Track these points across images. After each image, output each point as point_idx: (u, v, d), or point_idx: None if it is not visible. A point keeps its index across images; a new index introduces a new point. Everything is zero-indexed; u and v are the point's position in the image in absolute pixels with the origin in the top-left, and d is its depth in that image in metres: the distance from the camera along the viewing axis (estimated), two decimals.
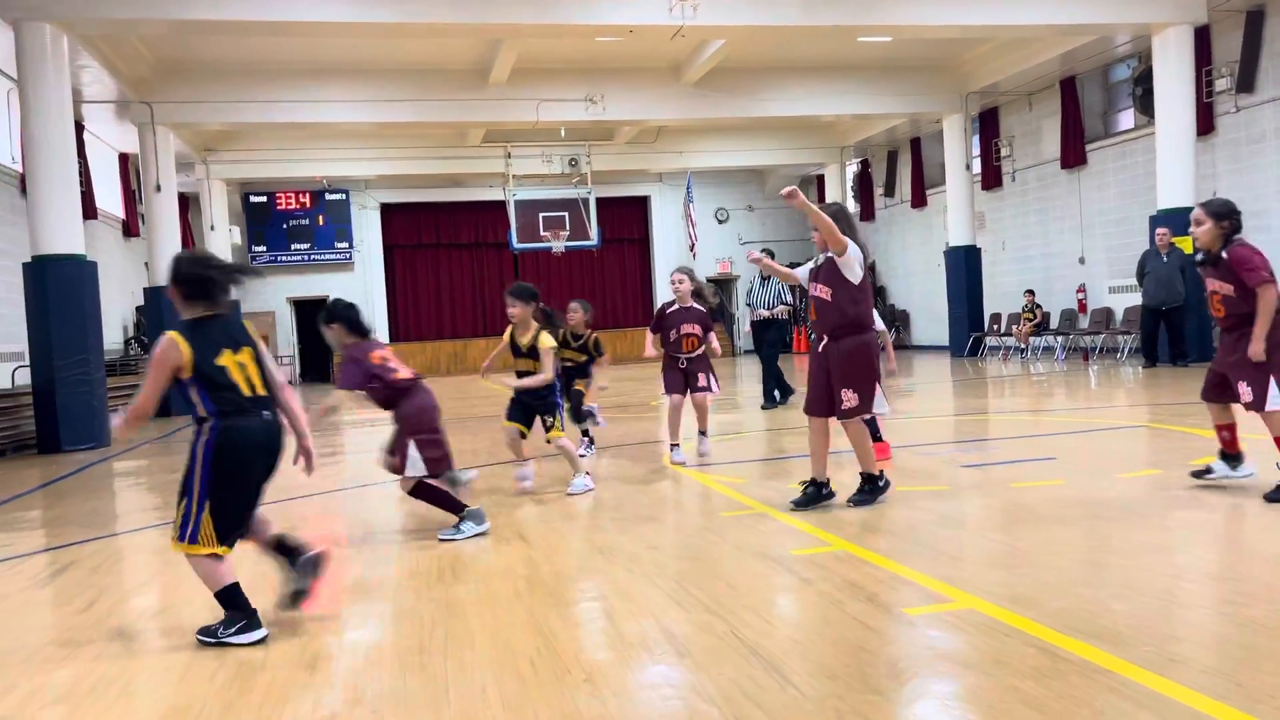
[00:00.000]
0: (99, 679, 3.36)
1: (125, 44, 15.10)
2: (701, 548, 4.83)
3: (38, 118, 11.62)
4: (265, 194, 26.12)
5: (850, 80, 19.37)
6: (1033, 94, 19.74)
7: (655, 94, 18.89)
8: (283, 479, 7.93)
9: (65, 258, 11.74)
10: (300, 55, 16.70)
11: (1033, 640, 3.16)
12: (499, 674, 3.16)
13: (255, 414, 3.79)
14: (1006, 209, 21.17)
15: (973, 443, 8.23)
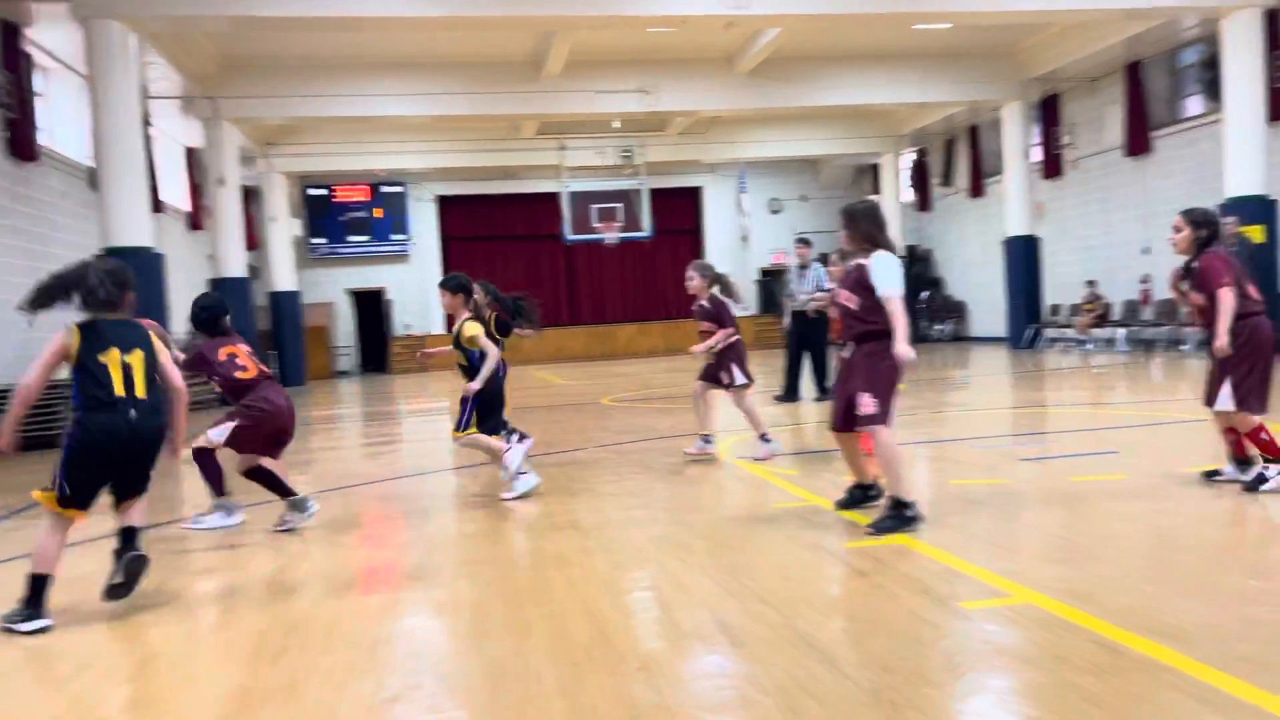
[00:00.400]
0: (170, 658, 3.47)
1: (190, 40, 15.46)
2: (754, 539, 4.83)
3: (107, 114, 11.96)
4: (324, 187, 26.57)
5: (907, 68, 19.13)
6: (1096, 80, 19.29)
7: (708, 84, 18.84)
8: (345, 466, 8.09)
9: (134, 250, 12.07)
10: (358, 50, 16.95)
11: (1093, 636, 3.12)
12: (555, 661, 3.20)
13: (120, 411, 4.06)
14: (1067, 198, 20.74)
15: (1031, 436, 8.10)
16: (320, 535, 5.62)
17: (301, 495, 5.68)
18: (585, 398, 14.11)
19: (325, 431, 11.91)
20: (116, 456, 4.12)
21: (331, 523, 5.91)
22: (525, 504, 6.03)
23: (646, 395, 13.61)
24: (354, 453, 9.57)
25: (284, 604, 4.11)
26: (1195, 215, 5.34)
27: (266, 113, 17.81)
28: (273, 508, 6.43)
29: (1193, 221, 5.30)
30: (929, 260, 26.66)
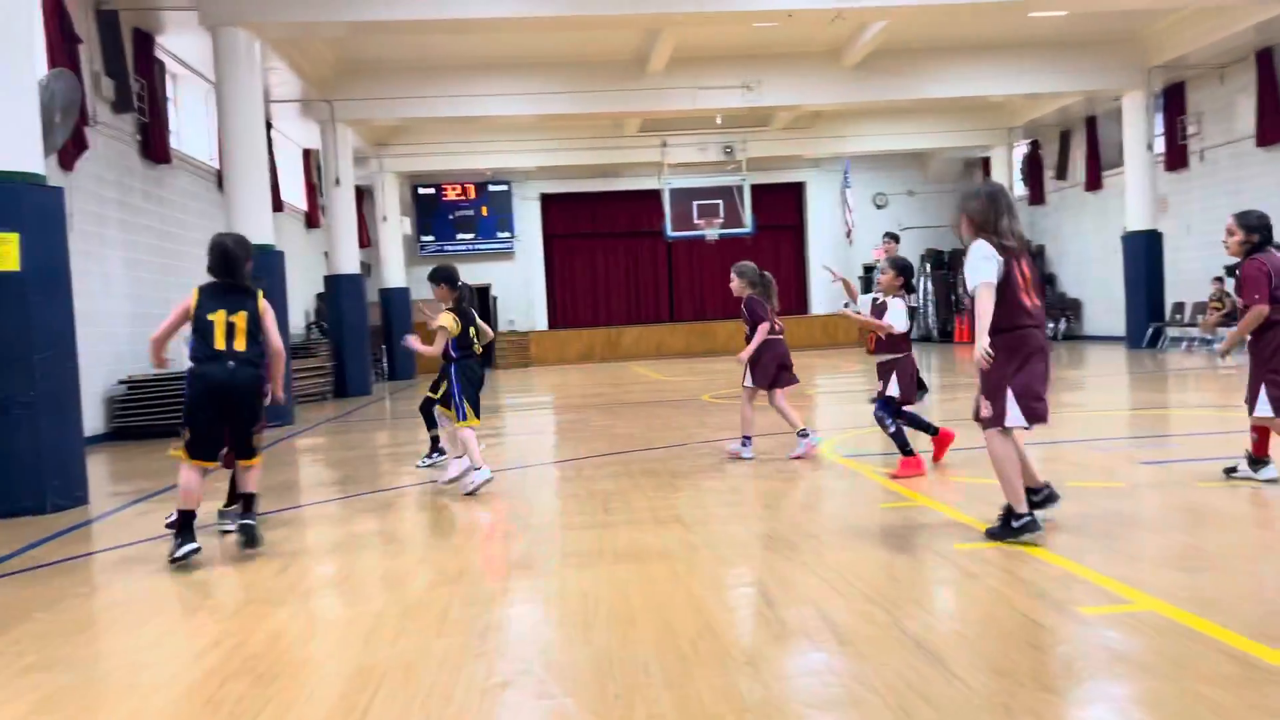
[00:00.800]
0: (293, 639, 3.63)
1: (309, 46, 16.05)
2: (860, 538, 4.78)
3: (233, 117, 12.52)
4: (433, 186, 27.23)
5: (1019, 58, 18.54)
6: (1224, 67, 18.34)
7: (813, 78, 18.62)
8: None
9: (257, 248, 12.59)
10: (466, 52, 17.33)
11: (1221, 646, 2.99)
12: (661, 653, 3.23)
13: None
14: (1193, 191, 19.78)
15: (1152, 438, 7.78)
16: (429, 524, 5.79)
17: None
18: (686, 394, 14.14)
19: None
20: (220, 402, 4.89)
21: (441, 512, 6.07)
22: (630, 498, 6.09)
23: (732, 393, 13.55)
24: None
25: (398, 589, 4.25)
26: (1249, 219, 5.33)
27: (379, 114, 18.37)
28: (369, 499, 6.66)
29: (1245, 225, 5.30)
30: (1042, 256, 25.78)
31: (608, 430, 10.00)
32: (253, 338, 4.93)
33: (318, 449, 10.16)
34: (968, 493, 5.69)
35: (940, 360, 19.66)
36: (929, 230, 29.05)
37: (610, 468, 7.40)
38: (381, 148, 22.88)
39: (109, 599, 4.52)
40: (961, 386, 13.39)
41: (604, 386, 16.92)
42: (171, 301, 14.74)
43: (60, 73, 10.16)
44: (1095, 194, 23.15)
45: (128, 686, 3.25)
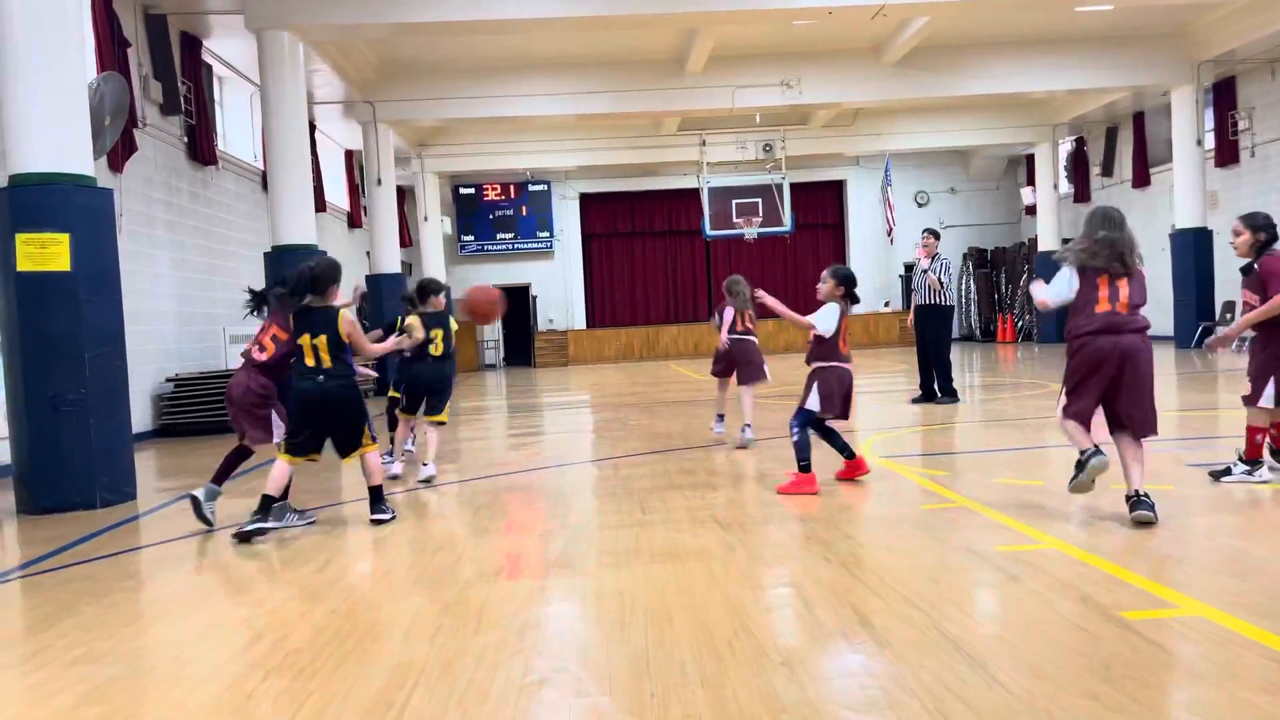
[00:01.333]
0: (333, 635, 3.68)
1: (352, 48, 16.24)
2: (900, 540, 4.74)
3: (277, 119, 12.70)
4: (473, 186, 27.42)
5: (1065, 53, 18.26)
6: (1276, 61, 17.92)
7: (853, 75, 18.49)
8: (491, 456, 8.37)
9: (300, 247, 12.77)
10: (505, 52, 17.43)
11: (1271, 653, 2.93)
12: (698, 652, 3.23)
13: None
14: (1244, 187, 19.36)
15: (1199, 440, 7.62)
16: (468, 522, 5.83)
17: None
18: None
19: (472, 422, 12.31)
20: (314, 413, 5.50)
21: (479, 511, 6.11)
22: (667, 497, 6.08)
23: (783, 392, 13.49)
24: (499, 443, 9.87)
25: (436, 587, 4.28)
26: (1256, 219, 5.54)
27: (420, 115, 18.53)
28: (409, 496, 6.70)
29: (1252, 225, 5.51)
30: None
31: (645, 429, 10.00)
32: (335, 355, 5.45)
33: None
34: (1008, 494, 5.62)
35: (983, 359, 19.42)
36: (971, 228, 28.73)
37: (647, 467, 7.40)
38: (422, 148, 23.08)
39: (155, 593, 4.61)
40: (1005, 386, 13.23)
41: (642, 385, 16.93)
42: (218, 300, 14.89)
43: (110, 76, 10.38)
44: (1143, 191, 22.75)
45: (172, 679, 3.31)
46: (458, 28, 13.66)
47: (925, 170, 28.47)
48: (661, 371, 21.04)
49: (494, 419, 12.57)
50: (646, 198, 28.48)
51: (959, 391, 11.09)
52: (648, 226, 28.95)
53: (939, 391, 10.86)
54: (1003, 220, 28.84)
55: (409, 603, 4.05)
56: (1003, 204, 28.89)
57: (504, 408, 14.53)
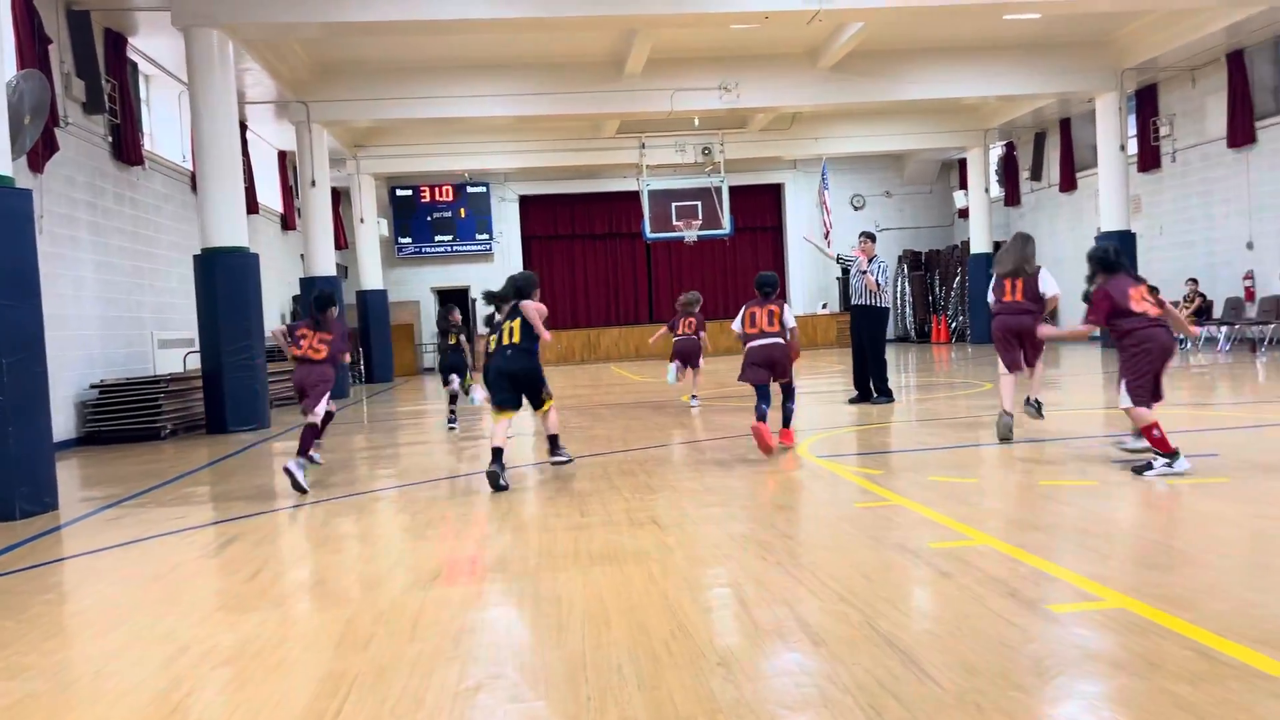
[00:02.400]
0: (263, 644, 3.60)
1: (284, 47, 15.95)
2: (835, 538, 4.79)
3: (206, 119, 12.41)
4: (410, 187, 27.14)
5: (995, 60, 18.68)
6: (1196, 69, 18.57)
7: (790, 80, 18.68)
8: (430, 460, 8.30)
9: (231, 250, 12.51)
10: (443, 53, 17.27)
11: (1189, 643, 3.02)
12: (635, 654, 3.22)
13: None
14: (1165, 192, 20.01)
15: (1126, 437, 7.83)
16: (404, 528, 5.75)
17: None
18: (665, 395, 14.13)
19: (410, 427, 12.17)
20: (505, 380, 6.95)
21: (416, 516, 6.04)
22: (606, 499, 6.08)
23: (726, 393, 13.57)
24: (439, 447, 9.76)
25: (371, 593, 4.22)
26: (1091, 254, 6.29)
27: (355, 116, 18.27)
28: (344, 503, 6.62)
29: (1088, 259, 6.33)
30: None
31: (585, 432, 9.98)
32: (524, 336, 6.92)
33: (293, 453, 10.06)
34: (942, 492, 5.72)
35: (918, 360, 19.76)
36: (906, 231, 29.24)
37: (587, 469, 7.39)
38: (358, 149, 22.77)
39: (77, 606, 4.47)
40: (940, 386, 13.47)
41: (582, 388, 16.90)
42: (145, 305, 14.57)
43: (29, 73, 10.04)
44: (1069, 195, 23.38)
45: (95, 694, 3.21)
46: (393, 28, 13.47)
47: (861, 174, 28.91)
48: (602, 374, 21.02)
49: (433, 423, 12.44)
50: (586, 200, 28.47)
51: (894, 391, 11.27)
52: (588, 229, 28.94)
53: (875, 391, 11.03)
54: (936, 223, 29.41)
55: (342, 611, 3.98)
56: (936, 207, 29.45)
57: (443, 412, 14.38)
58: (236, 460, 9.55)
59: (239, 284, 12.51)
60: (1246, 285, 17.65)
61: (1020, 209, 25.89)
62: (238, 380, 12.34)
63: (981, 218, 24.54)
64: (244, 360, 12.36)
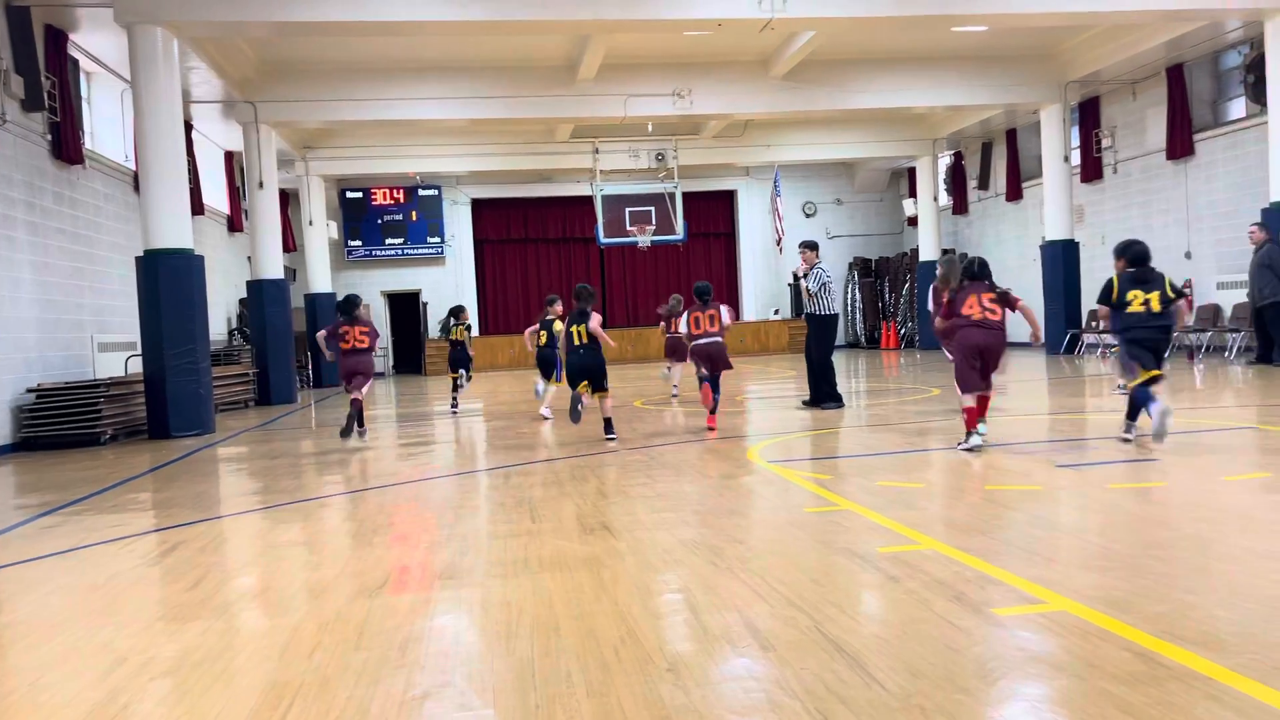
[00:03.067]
0: (204, 654, 3.52)
1: (231, 46, 15.69)
2: (785, 543, 4.82)
3: (149, 118, 12.16)
4: (361, 190, 26.84)
5: (944, 71, 18.98)
6: (1137, 82, 19.03)
7: (743, 87, 18.80)
8: (379, 466, 8.21)
9: (175, 252, 12.26)
10: (394, 54, 17.12)
11: (1129, 645, 3.08)
12: (584, 661, 3.21)
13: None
14: (1107, 202, 20.47)
15: (1068, 442, 8.00)
16: (352, 534, 5.68)
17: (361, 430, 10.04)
18: (617, 400, 14.11)
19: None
20: (575, 370, 9.19)
21: (364, 523, 5.97)
22: (558, 505, 6.06)
23: (679, 398, 13.61)
24: (388, 453, 9.66)
25: (317, 601, 4.15)
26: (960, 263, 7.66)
27: (305, 116, 18.02)
28: (291, 510, 6.53)
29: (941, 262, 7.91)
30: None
31: (537, 437, 9.94)
32: (590, 338, 9.10)
33: (239, 458, 9.91)
34: (890, 497, 5.78)
35: (868, 365, 19.97)
36: (857, 238, 29.57)
37: (539, 475, 7.36)
38: (307, 150, 22.48)
39: (11, 617, 4.34)
40: (889, 391, 13.62)
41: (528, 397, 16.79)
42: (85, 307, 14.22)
43: None
44: (1015, 204, 23.81)
45: (29, 707, 3.11)
46: (343, 28, 13.31)
47: (813, 181, 29.18)
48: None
49: (382, 428, 12.30)
50: (540, 204, 28.38)
51: (843, 396, 11.37)
52: (541, 233, 28.84)
53: (824, 397, 11.12)
54: (886, 231, 29.78)
55: (286, 619, 3.91)
56: (886, 215, 29.83)
57: (393, 417, 14.23)
58: (179, 466, 9.36)
59: (183, 286, 12.28)
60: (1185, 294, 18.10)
61: (968, 217, 26.32)
62: (181, 384, 12.10)
63: (930, 226, 24.90)
64: (188, 364, 12.13)
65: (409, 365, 28.58)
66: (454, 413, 13.59)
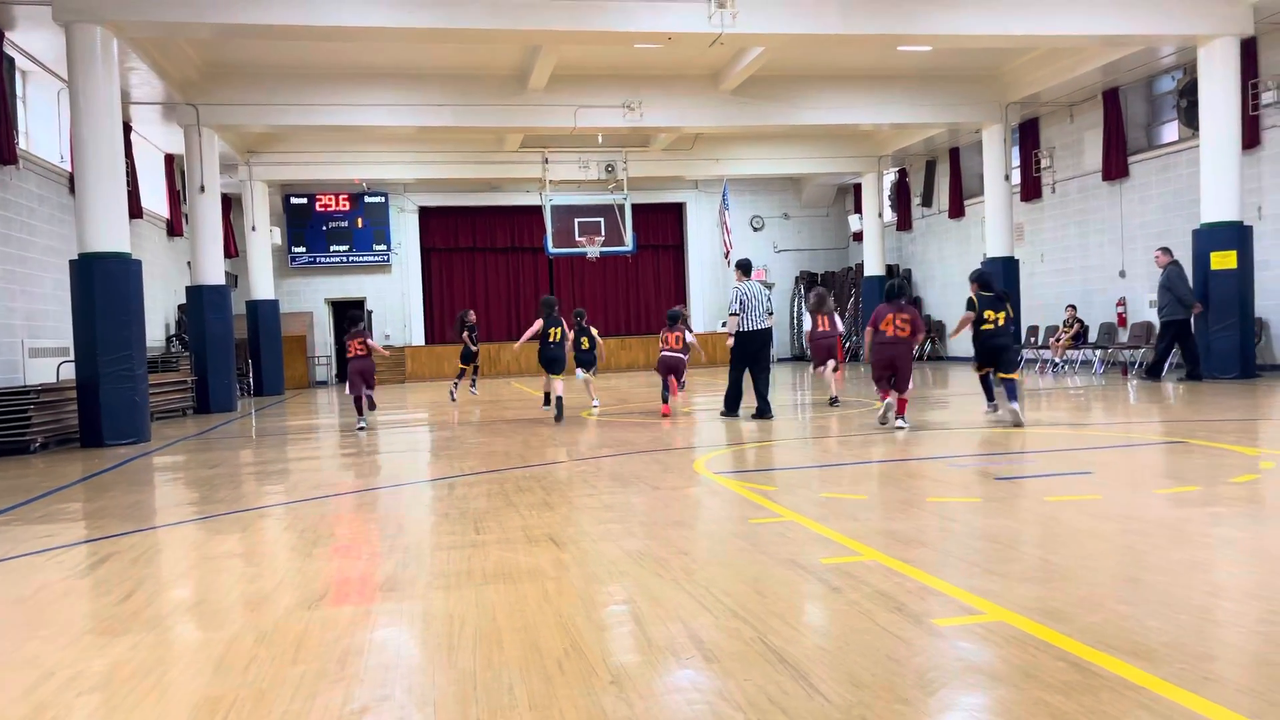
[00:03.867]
0: (135, 668, 3.43)
1: (173, 47, 15.40)
2: (730, 554, 4.83)
3: (87, 118, 11.88)
4: (306, 196, 26.49)
5: (889, 89, 19.30)
6: (1074, 105, 19.55)
7: (693, 101, 18.93)
8: (320, 476, 8.09)
9: (111, 255, 11.98)
10: (342, 59, 16.94)
11: (1064, 654, 3.14)
12: (526, 674, 3.18)
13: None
14: (1046, 220, 20.96)
15: (1007, 455, 8.15)
16: (292, 546, 5.57)
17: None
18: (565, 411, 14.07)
19: (300, 442, 11.83)
20: (546, 362, 12.66)
21: (304, 534, 5.86)
22: (503, 517, 6.01)
23: (626, 409, 13.61)
24: (330, 463, 9.51)
25: (254, 614, 4.07)
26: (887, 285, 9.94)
27: (249, 120, 17.73)
28: (229, 520, 6.42)
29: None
30: (908, 280, 26.84)
31: (484, 447, 9.87)
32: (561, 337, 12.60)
33: (175, 467, 9.69)
34: (833, 508, 5.83)
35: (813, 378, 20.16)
36: (803, 252, 29.90)
37: (484, 486, 7.30)
38: (252, 155, 22.13)
39: None
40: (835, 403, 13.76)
41: (482, 403, 16.71)
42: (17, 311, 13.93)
43: None
44: (958, 221, 24.27)
45: None
46: (289, 32, 13.13)
47: (760, 196, 29.46)
48: (502, 389, 20.83)
49: (324, 438, 12.11)
50: (488, 213, 28.26)
51: (771, 407, 11.65)
52: (489, 242, 28.70)
53: (725, 407, 11.93)
54: (832, 245, 30.15)
55: (222, 632, 3.82)
56: (832, 230, 30.21)
57: (335, 426, 14.02)
58: (112, 475, 9.11)
59: (119, 291, 11.99)
60: (1119, 311, 18.60)
61: (912, 233, 26.76)
62: (116, 391, 11.80)
63: (875, 241, 25.27)
64: (123, 370, 11.84)
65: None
66: (473, 393, 18.06)
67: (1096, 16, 14.25)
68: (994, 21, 14.12)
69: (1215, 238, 14.58)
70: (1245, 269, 14.53)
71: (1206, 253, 14.66)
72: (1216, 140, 14.59)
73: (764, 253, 29.57)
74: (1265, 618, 3.52)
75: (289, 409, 17.76)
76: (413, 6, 12.81)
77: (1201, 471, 6.79)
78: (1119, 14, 14.26)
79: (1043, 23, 14.23)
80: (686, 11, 13.25)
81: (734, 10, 13.03)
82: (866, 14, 13.82)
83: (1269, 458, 7.19)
